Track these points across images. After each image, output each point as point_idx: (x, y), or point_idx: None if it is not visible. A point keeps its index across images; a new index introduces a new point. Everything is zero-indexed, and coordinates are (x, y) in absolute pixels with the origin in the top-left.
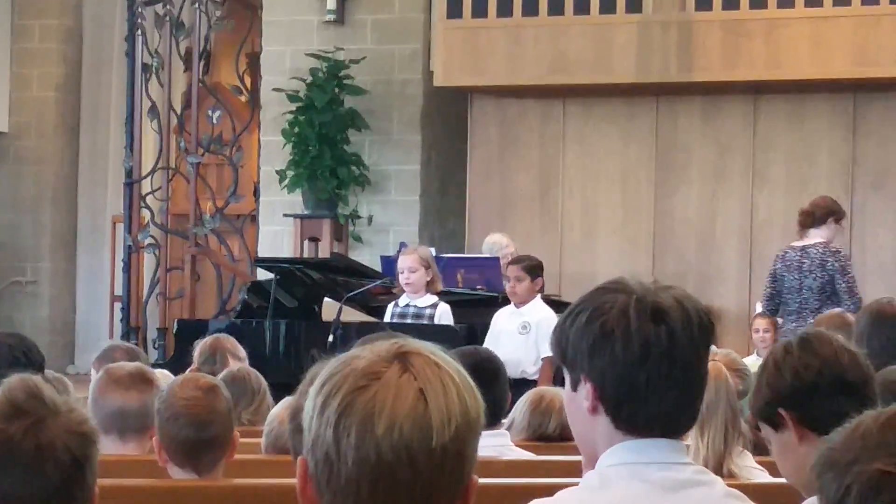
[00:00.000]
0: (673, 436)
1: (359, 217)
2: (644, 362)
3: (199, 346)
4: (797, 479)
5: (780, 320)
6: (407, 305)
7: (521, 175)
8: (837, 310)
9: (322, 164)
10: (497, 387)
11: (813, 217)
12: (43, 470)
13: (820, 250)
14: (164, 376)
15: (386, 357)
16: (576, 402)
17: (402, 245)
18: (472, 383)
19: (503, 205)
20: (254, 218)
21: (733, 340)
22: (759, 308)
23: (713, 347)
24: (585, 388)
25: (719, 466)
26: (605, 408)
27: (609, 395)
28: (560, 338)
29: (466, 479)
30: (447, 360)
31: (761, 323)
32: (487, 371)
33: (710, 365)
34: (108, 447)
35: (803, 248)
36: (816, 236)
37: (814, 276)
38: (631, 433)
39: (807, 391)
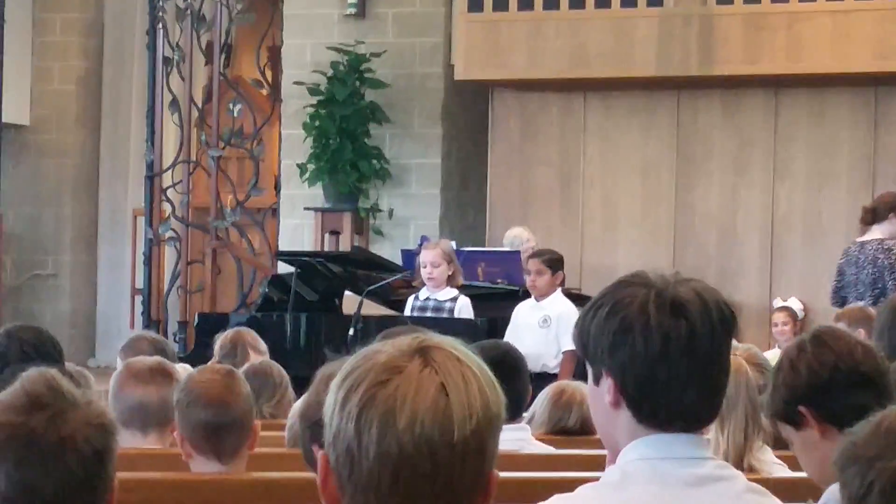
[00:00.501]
0: (695, 430)
1: (379, 210)
2: (664, 356)
3: (220, 340)
4: (821, 476)
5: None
6: (427, 299)
7: (541, 168)
8: (859, 303)
9: (343, 158)
10: (518, 381)
11: (874, 213)
12: (65, 462)
13: (874, 246)
14: (184, 370)
15: (407, 351)
16: (598, 395)
17: (424, 238)
18: (493, 378)
19: (524, 198)
20: (274, 211)
21: (754, 334)
22: (778, 302)
23: (734, 342)
24: (607, 383)
25: (739, 461)
26: (627, 402)
27: (630, 389)
28: (581, 332)
29: (487, 473)
30: (468, 355)
31: (779, 316)
32: (508, 365)
33: (731, 359)
34: (129, 441)
35: (861, 244)
36: (877, 232)
37: (866, 271)
38: (652, 427)
39: (824, 386)
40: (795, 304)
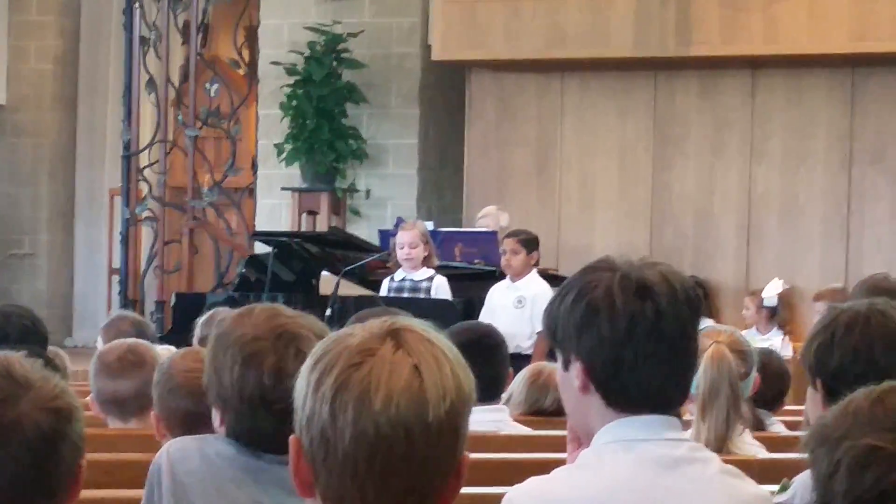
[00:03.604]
0: (665, 411)
1: (356, 191)
2: (630, 339)
3: (199, 324)
4: None
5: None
6: (403, 279)
7: (518, 149)
8: (838, 285)
9: (320, 138)
10: (497, 361)
11: None
12: (8, 449)
13: None
14: (166, 352)
15: (378, 334)
16: (568, 381)
17: (400, 219)
18: (463, 359)
19: (501, 179)
20: (251, 191)
21: (731, 314)
22: (776, 285)
23: (718, 326)
24: (576, 368)
25: (721, 449)
26: (596, 386)
27: (598, 373)
28: (550, 319)
29: (460, 453)
30: (438, 337)
31: (747, 301)
32: (488, 346)
33: (713, 347)
34: (113, 424)
35: None
36: None
37: None
38: (623, 410)
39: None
40: (774, 287)
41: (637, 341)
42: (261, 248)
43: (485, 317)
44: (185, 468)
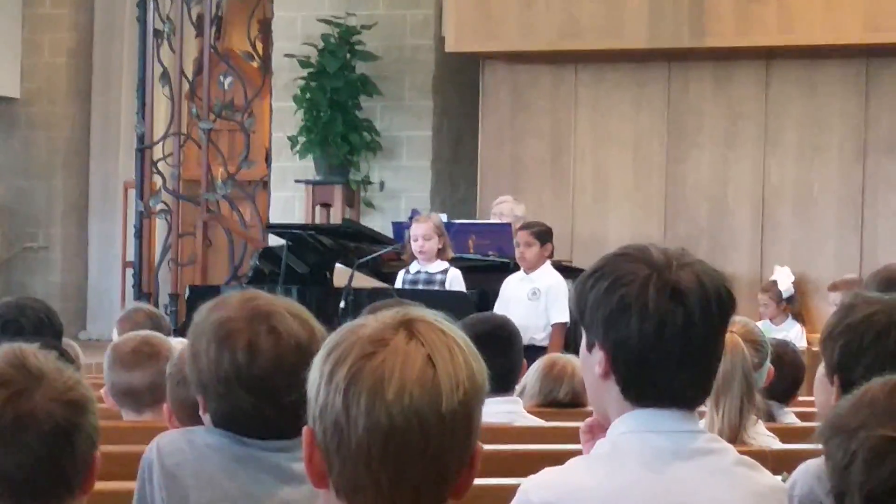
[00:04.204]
0: (684, 408)
1: (370, 183)
2: (659, 340)
3: None
4: None
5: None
6: (418, 272)
7: (532, 141)
8: (852, 275)
9: (334, 130)
10: (512, 353)
11: None
12: (23, 441)
13: None
14: (180, 344)
15: (391, 324)
16: (589, 362)
17: (415, 212)
18: (475, 349)
19: (515, 170)
20: (265, 184)
21: (744, 306)
22: (776, 270)
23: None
24: (599, 354)
25: (734, 439)
26: (616, 378)
27: (621, 366)
28: (579, 297)
29: (474, 444)
30: (451, 327)
31: (762, 298)
32: (502, 338)
33: (727, 337)
34: (127, 416)
35: None
36: None
37: None
38: (640, 404)
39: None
40: (785, 275)
41: (664, 344)
42: (275, 240)
43: (499, 309)
44: (175, 461)
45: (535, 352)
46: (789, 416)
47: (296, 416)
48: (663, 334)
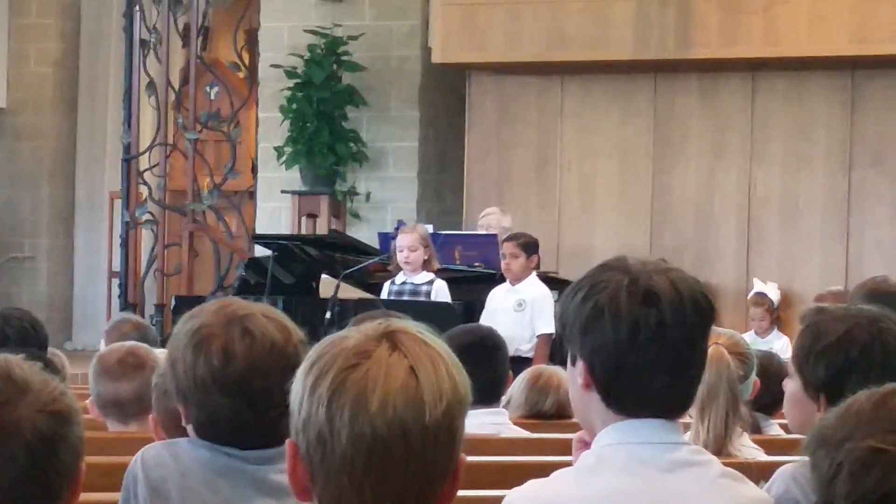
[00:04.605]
0: (666, 417)
1: (356, 194)
2: (633, 344)
3: None
4: None
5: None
6: (404, 283)
7: (519, 151)
8: (838, 287)
9: (320, 141)
10: (497, 364)
11: None
12: (7, 452)
13: None
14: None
15: (374, 336)
16: (573, 375)
17: (400, 222)
18: (458, 361)
19: (501, 181)
20: (252, 194)
21: (731, 317)
22: (757, 284)
23: (718, 329)
24: (579, 364)
25: (719, 451)
26: (596, 386)
27: (599, 374)
28: (561, 312)
29: (457, 455)
30: (433, 339)
31: (756, 312)
32: (488, 349)
33: (712, 349)
34: (113, 427)
35: None
36: None
37: None
38: (622, 413)
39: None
40: (768, 288)
41: (639, 348)
42: (261, 251)
43: (485, 320)
44: (159, 474)
45: (520, 363)
46: (775, 428)
47: (277, 420)
48: (637, 337)
